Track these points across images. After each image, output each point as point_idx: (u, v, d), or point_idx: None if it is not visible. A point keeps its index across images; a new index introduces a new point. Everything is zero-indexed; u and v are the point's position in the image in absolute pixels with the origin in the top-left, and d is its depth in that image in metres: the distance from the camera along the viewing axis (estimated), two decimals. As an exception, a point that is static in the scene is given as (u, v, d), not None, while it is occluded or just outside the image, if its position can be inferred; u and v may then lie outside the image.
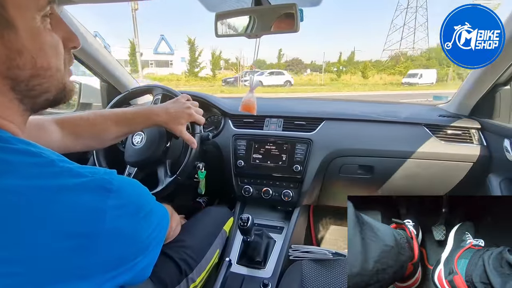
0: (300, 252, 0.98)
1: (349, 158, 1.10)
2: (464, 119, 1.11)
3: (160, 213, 0.43)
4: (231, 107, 1.26)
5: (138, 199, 0.38)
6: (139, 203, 0.37)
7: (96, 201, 0.32)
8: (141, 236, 0.37)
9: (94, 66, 1.24)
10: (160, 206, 0.45)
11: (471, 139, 1.05)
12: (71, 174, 0.32)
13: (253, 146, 1.14)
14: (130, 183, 0.38)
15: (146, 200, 0.40)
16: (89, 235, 0.30)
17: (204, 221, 0.91)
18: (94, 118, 0.70)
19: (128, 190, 0.36)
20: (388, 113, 1.16)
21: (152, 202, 0.41)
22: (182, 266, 0.73)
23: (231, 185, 1.18)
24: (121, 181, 0.35)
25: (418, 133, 1.08)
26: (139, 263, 0.36)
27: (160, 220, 0.42)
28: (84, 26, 1.10)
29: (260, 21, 0.83)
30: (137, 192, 0.38)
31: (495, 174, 0.98)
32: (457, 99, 1.15)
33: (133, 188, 0.38)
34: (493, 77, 0.95)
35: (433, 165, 1.05)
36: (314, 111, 1.21)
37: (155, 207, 0.42)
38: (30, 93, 0.35)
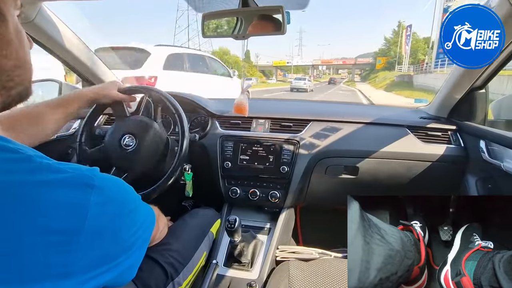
0: (287, 252, 0.98)
1: (335, 159, 1.12)
2: (442, 121, 1.15)
3: (145, 212, 0.43)
4: (218, 108, 1.25)
5: (121, 196, 0.37)
6: (123, 201, 0.37)
7: (78, 198, 0.31)
8: (125, 234, 0.36)
9: (75, 65, 1.20)
10: (145, 205, 0.44)
11: (450, 140, 1.10)
12: (50, 169, 0.31)
13: (240, 147, 1.14)
14: (114, 181, 0.38)
15: (131, 198, 0.39)
16: (71, 232, 0.30)
17: (190, 224, 0.90)
18: (27, 108, 0.73)
19: (112, 188, 0.36)
20: (373, 115, 1.20)
21: (137, 200, 0.41)
22: (168, 269, 0.71)
23: (218, 186, 1.17)
24: (104, 178, 0.35)
25: (400, 134, 1.12)
26: (122, 263, 0.36)
27: (145, 219, 0.42)
28: (63, 22, 1.06)
29: (247, 22, 0.83)
30: (121, 189, 0.38)
31: (471, 173, 1.03)
32: (436, 102, 1.20)
33: (116, 185, 0.37)
34: (470, 82, 1.00)
35: (415, 165, 1.09)
36: (301, 112, 1.22)
37: (140, 206, 0.41)
38: (8, 83, 0.36)
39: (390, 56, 40.42)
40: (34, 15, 0.93)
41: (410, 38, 31.68)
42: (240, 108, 1.07)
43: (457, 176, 1.08)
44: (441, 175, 1.10)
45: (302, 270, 0.83)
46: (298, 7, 0.93)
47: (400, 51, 35.82)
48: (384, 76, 33.44)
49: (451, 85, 1.07)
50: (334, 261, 0.88)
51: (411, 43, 31.86)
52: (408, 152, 1.08)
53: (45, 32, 1.01)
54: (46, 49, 1.09)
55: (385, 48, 43.86)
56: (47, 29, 1.01)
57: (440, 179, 1.11)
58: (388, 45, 42.73)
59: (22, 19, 0.92)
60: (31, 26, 0.96)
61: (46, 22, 0.99)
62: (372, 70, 47.13)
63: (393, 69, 36.16)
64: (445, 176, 1.10)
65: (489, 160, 0.92)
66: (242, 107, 1.08)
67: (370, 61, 50.71)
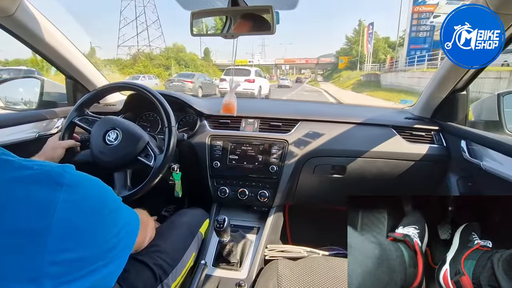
0: (276, 251, 0.99)
1: (323, 159, 1.14)
2: (426, 121, 1.19)
3: (128, 215, 0.41)
4: (207, 108, 1.24)
5: (99, 194, 0.36)
6: (101, 199, 0.35)
7: (44, 195, 0.29)
8: (105, 234, 0.34)
9: (58, 61, 1.16)
10: (128, 208, 0.43)
11: (433, 140, 1.13)
12: (13, 167, 0.30)
13: (229, 147, 1.14)
14: (90, 179, 0.36)
15: (110, 197, 0.38)
16: (37, 232, 0.28)
17: (179, 224, 0.89)
18: None
19: (86, 185, 0.34)
20: (360, 115, 1.22)
21: (117, 201, 0.39)
22: (156, 272, 0.70)
23: (207, 186, 1.16)
24: (78, 175, 0.33)
25: (386, 134, 1.15)
26: (101, 269, 0.33)
27: (128, 222, 0.40)
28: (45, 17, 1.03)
29: (236, 21, 0.83)
30: (98, 188, 0.36)
31: (453, 172, 1.07)
32: (420, 102, 1.24)
33: (92, 183, 0.36)
34: (452, 83, 1.03)
35: (400, 164, 1.12)
36: (290, 112, 1.23)
37: (122, 208, 0.40)
38: None
39: (352, 55, 38.77)
40: (14, 9, 0.89)
41: (372, 36, 30.07)
42: (228, 107, 1.07)
43: (439, 175, 1.11)
44: (425, 173, 1.13)
45: (291, 268, 0.84)
46: (287, 7, 0.94)
47: (362, 50, 34.46)
48: (347, 75, 32.13)
49: (434, 86, 1.10)
50: (322, 259, 0.89)
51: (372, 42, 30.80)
52: (393, 151, 1.11)
53: (26, 27, 0.97)
54: (27, 45, 1.05)
55: (346, 48, 42.32)
56: (28, 24, 0.97)
57: (424, 178, 1.15)
58: (349, 44, 41.20)
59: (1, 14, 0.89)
60: (11, 21, 0.92)
61: (27, 16, 0.95)
62: (334, 70, 45.21)
63: (355, 68, 34.97)
64: (428, 175, 1.14)
65: (470, 159, 0.95)
66: (231, 106, 1.07)
67: (332, 60, 47.76)
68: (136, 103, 1.25)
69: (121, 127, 0.87)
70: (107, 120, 0.88)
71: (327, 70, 53.64)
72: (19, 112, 1.21)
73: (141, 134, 0.89)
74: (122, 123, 0.89)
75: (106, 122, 0.88)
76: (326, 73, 54.19)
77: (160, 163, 0.85)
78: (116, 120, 0.89)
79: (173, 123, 0.88)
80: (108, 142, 0.85)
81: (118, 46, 39.69)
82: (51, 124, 1.21)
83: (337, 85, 30.27)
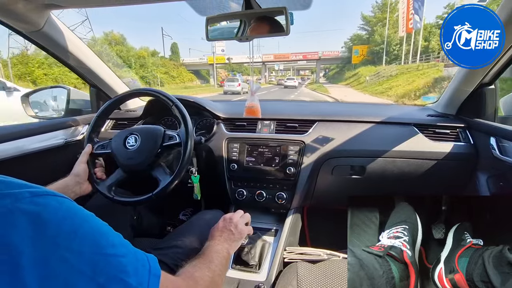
0: (295, 254, 0.98)
1: (342, 159, 1.11)
2: (451, 118, 1.13)
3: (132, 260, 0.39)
4: (223, 111, 1.26)
5: (71, 228, 0.34)
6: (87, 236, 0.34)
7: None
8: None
9: (83, 71, 1.23)
10: (136, 252, 0.41)
11: (459, 138, 1.08)
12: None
13: (246, 149, 1.14)
14: (66, 209, 0.35)
15: (102, 234, 0.37)
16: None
17: (198, 225, 0.90)
18: None
19: (58, 216, 0.33)
20: (379, 114, 1.18)
21: (116, 242, 0.38)
22: (176, 271, 0.72)
23: (224, 188, 1.17)
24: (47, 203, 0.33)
25: (408, 133, 1.11)
26: None
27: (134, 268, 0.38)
28: (70, 29, 1.09)
29: (251, 24, 0.83)
30: (75, 220, 0.35)
31: (482, 171, 1.01)
32: (444, 99, 1.18)
33: (70, 214, 0.35)
34: (478, 77, 0.98)
35: (423, 164, 1.07)
36: (306, 113, 1.22)
37: (121, 249, 0.38)
38: None
39: (375, 42, 26.05)
40: (43, 23, 0.95)
41: (423, 3, 17.75)
42: (252, 110, 1.09)
43: (466, 174, 1.06)
44: (450, 173, 1.08)
45: (311, 271, 0.82)
46: (301, 8, 0.93)
47: (394, 33, 23.56)
48: (376, 71, 21.27)
49: (459, 81, 1.05)
50: (343, 262, 0.87)
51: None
52: (415, 150, 1.07)
53: (54, 40, 1.03)
54: (54, 57, 1.12)
55: (362, 34, 30.00)
56: (55, 37, 1.03)
57: (449, 178, 1.09)
58: (369, 27, 28.36)
59: (32, 28, 0.95)
60: (40, 35, 0.98)
61: (54, 30, 1.01)
62: (344, 67, 33.98)
63: (380, 62, 23.92)
64: (454, 174, 1.08)
65: (500, 157, 0.90)
66: (254, 109, 1.09)
67: (339, 54, 35.20)
68: (155, 108, 1.29)
69: (135, 130, 0.90)
70: (120, 133, 0.91)
71: (331, 69, 43.25)
72: (48, 120, 1.28)
73: (155, 126, 0.91)
74: (134, 127, 0.92)
75: (120, 134, 0.91)
76: (331, 73, 42.78)
77: (185, 138, 0.86)
78: (128, 129, 0.93)
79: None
80: (130, 148, 0.87)
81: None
82: (77, 131, 1.27)
83: (358, 88, 20.72)
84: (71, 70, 1.21)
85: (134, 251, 0.40)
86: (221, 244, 0.67)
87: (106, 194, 0.84)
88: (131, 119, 1.34)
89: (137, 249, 0.41)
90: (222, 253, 0.63)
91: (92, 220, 0.37)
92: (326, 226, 1.43)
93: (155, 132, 0.89)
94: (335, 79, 35.52)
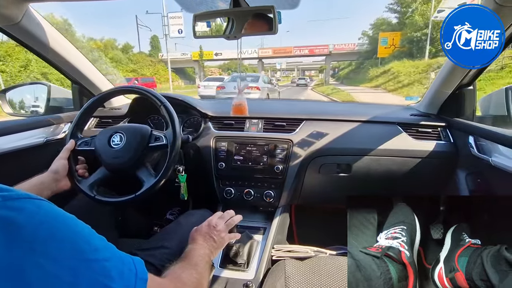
0: (283, 251, 0.99)
1: (328, 158, 1.13)
2: (433, 118, 1.17)
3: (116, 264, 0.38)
4: (211, 109, 1.24)
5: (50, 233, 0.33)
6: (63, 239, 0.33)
7: None
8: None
9: (64, 67, 1.18)
10: (120, 256, 0.39)
11: (440, 137, 1.12)
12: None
13: (234, 147, 1.14)
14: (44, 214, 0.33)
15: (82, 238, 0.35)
16: None
17: (186, 225, 0.89)
18: None
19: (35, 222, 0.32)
20: (365, 113, 1.21)
21: (99, 247, 0.37)
22: (163, 272, 0.71)
23: (212, 187, 1.16)
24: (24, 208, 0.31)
25: (392, 131, 1.14)
26: None
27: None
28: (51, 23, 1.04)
29: (238, 22, 0.83)
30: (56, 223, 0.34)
31: (461, 169, 1.05)
32: (426, 99, 1.22)
33: (49, 219, 0.33)
34: (458, 79, 1.02)
35: (407, 162, 1.10)
36: (294, 112, 1.23)
37: (105, 254, 0.37)
38: None
39: (414, 26, 18.23)
40: (21, 16, 0.91)
41: None
42: (239, 108, 1.08)
43: (447, 172, 1.10)
44: (432, 171, 1.12)
45: (298, 268, 0.83)
46: (289, 7, 0.94)
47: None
48: (421, 68, 14.68)
49: (440, 82, 1.09)
50: (330, 258, 0.89)
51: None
52: (399, 149, 1.10)
53: (33, 34, 0.98)
54: (33, 52, 1.07)
55: (390, 20, 21.85)
56: (34, 31, 0.98)
57: (431, 175, 1.13)
58: (400, 7, 20.56)
59: (9, 22, 0.91)
60: (17, 28, 0.94)
61: (33, 23, 0.97)
62: (362, 63, 26.05)
63: (421, 54, 16.65)
64: (436, 172, 1.12)
65: (478, 155, 0.94)
66: (242, 107, 1.08)
67: (355, 48, 26.69)
68: (140, 106, 1.26)
69: (120, 128, 0.88)
70: (104, 130, 0.88)
71: (341, 68, 34.32)
72: (27, 118, 1.23)
73: (142, 126, 0.89)
74: (120, 126, 0.90)
75: (104, 131, 0.88)
76: (343, 72, 33.47)
77: (172, 140, 0.85)
78: (113, 126, 0.90)
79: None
80: (115, 146, 0.85)
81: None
82: (58, 129, 1.22)
83: (402, 92, 13.51)
84: (51, 65, 1.16)
85: (119, 254, 0.39)
86: (204, 249, 0.66)
87: (87, 192, 0.81)
88: (116, 117, 1.30)
89: (122, 253, 0.40)
90: (205, 258, 0.63)
91: (73, 224, 0.36)
92: (314, 223, 1.45)
93: (141, 131, 0.87)
94: (351, 80, 26.69)
